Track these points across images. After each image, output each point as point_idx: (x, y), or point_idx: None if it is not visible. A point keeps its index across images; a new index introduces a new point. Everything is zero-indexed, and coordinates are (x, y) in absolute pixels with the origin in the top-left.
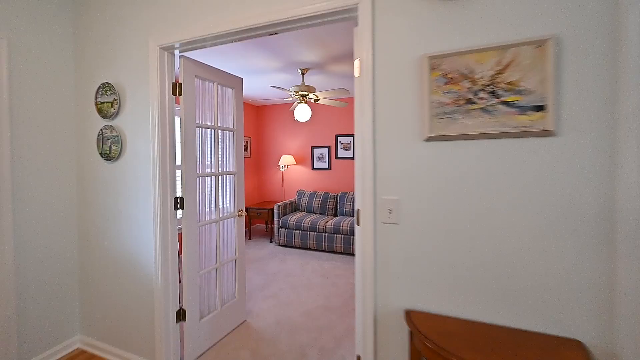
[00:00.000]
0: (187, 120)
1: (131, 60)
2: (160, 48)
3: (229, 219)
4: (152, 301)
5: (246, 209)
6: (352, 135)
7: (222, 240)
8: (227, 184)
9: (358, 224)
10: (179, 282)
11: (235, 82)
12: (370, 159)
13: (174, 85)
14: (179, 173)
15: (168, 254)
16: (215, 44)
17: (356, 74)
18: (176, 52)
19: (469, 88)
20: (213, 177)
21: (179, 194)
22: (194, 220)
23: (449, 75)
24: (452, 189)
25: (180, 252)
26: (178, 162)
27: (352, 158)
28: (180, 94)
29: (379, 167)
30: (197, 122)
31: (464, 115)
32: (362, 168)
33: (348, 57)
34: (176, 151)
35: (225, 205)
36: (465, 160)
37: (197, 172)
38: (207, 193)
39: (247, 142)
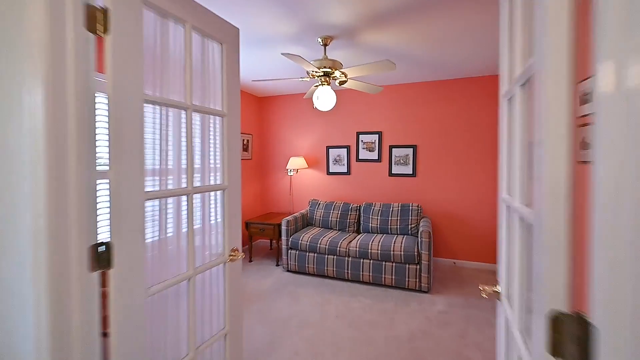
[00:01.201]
0: (123, 87)
1: None
2: None
3: (214, 268)
4: None
5: (246, 224)
6: (378, 132)
7: (200, 306)
8: (212, 205)
9: None
10: None
11: (227, 33)
12: (631, 174)
13: (90, 11)
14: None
15: None
16: None
17: None
18: None
19: None
20: (183, 197)
21: (102, 237)
22: (136, 286)
23: None
24: None
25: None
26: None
27: (377, 160)
28: (105, 32)
29: None
30: (148, 92)
31: None
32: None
33: (397, 14)
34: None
35: (207, 242)
36: None
37: (147, 189)
38: (171, 227)
39: (247, 140)
